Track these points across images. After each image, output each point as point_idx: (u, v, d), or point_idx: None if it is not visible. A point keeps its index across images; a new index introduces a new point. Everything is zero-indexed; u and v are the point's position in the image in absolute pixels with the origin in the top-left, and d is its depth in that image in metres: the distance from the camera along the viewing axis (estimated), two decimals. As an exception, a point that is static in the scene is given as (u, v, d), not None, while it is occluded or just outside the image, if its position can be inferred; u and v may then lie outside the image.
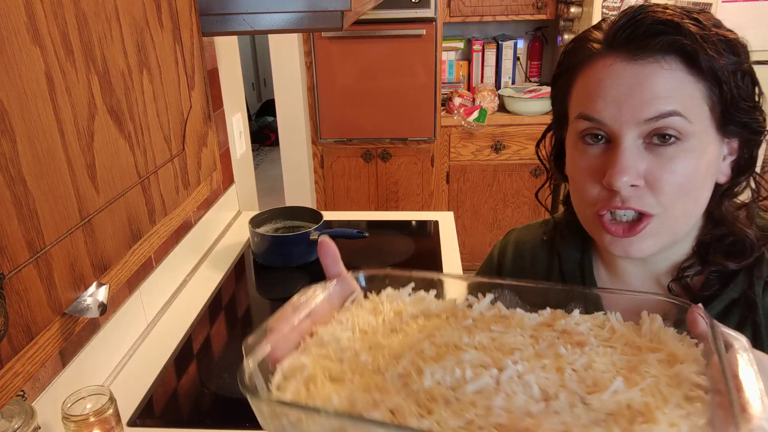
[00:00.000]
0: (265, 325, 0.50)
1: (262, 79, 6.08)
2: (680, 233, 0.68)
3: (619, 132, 0.63)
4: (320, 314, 0.54)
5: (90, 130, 0.52)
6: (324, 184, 3.02)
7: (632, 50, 0.62)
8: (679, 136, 0.62)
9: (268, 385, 0.48)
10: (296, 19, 0.91)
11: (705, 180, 0.65)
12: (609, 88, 0.63)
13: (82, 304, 0.51)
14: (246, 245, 1.68)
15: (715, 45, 0.61)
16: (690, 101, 0.61)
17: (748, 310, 0.66)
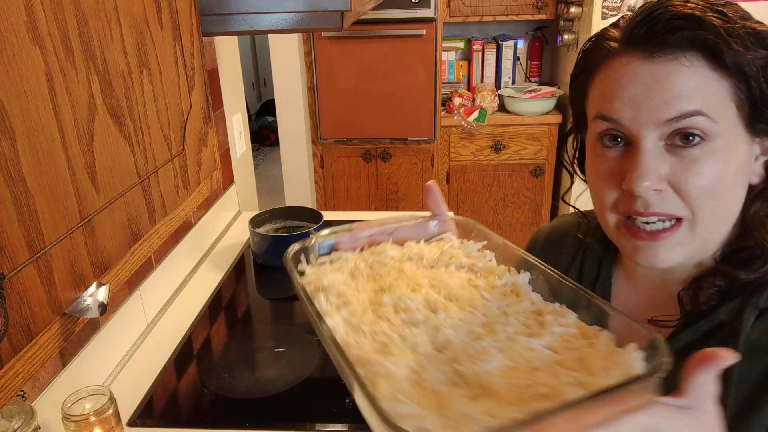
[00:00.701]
0: (349, 226, 0.63)
1: (262, 79, 6.08)
2: (710, 240, 0.64)
3: (638, 133, 0.60)
4: (400, 236, 0.64)
5: (90, 130, 0.52)
6: (324, 184, 3.02)
7: (650, 48, 0.59)
8: (704, 136, 0.58)
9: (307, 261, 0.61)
10: (296, 19, 0.91)
11: (735, 182, 0.61)
12: (626, 87, 0.60)
13: (82, 304, 0.51)
14: (246, 245, 1.68)
15: (741, 38, 0.57)
16: (714, 99, 0.58)
17: (729, 337, 0.62)
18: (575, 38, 2.80)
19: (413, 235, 0.66)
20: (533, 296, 0.54)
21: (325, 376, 1.11)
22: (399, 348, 0.48)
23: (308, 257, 0.61)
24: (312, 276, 0.59)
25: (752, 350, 0.60)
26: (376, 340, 0.50)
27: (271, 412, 1.03)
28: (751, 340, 0.60)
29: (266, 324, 1.35)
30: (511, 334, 0.48)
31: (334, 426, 1.00)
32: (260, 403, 1.05)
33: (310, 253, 0.61)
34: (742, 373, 0.60)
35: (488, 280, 0.57)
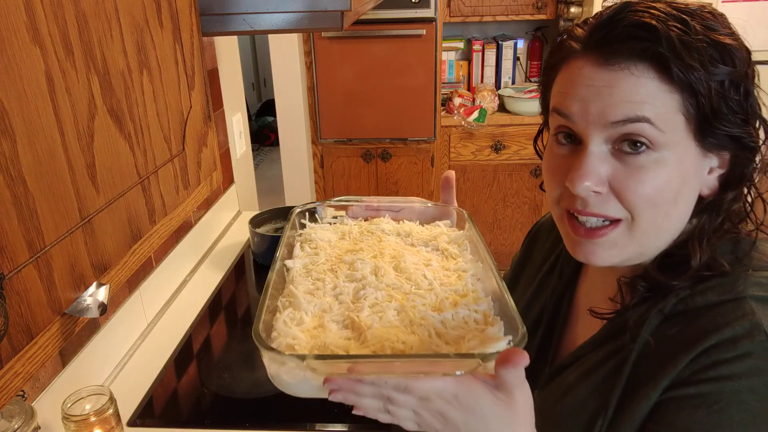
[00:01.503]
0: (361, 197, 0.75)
1: (262, 79, 6.08)
2: (649, 246, 0.65)
3: (586, 133, 0.61)
4: (404, 215, 0.75)
5: (90, 130, 0.52)
6: (324, 184, 3.02)
7: (604, 54, 0.60)
8: (650, 145, 0.59)
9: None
10: (296, 19, 0.91)
11: (679, 193, 0.61)
12: (579, 87, 0.61)
13: (82, 304, 0.51)
14: (246, 245, 1.68)
15: (699, 52, 0.57)
16: (662, 110, 0.58)
17: (630, 339, 0.64)
18: (575, 38, 2.79)
19: (415, 217, 0.76)
20: (470, 282, 0.62)
21: (325, 376, 1.11)
22: (324, 293, 0.60)
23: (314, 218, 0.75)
24: (309, 230, 0.72)
25: (645, 353, 0.63)
26: (314, 284, 0.61)
27: (271, 412, 1.03)
28: (647, 343, 0.62)
29: (266, 324, 1.35)
30: (418, 304, 0.57)
31: (334, 426, 1.00)
32: (260, 403, 1.05)
33: (316, 214, 0.75)
34: (633, 371, 0.63)
35: (445, 263, 0.67)
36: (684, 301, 0.62)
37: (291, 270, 0.64)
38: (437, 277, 0.63)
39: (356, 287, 0.60)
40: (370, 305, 0.57)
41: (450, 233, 0.72)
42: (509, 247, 3.12)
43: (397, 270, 0.64)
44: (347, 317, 0.56)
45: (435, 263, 0.66)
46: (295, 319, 0.55)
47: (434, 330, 0.54)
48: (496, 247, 3.13)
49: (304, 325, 0.55)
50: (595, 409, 0.65)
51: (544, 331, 0.80)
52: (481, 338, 0.53)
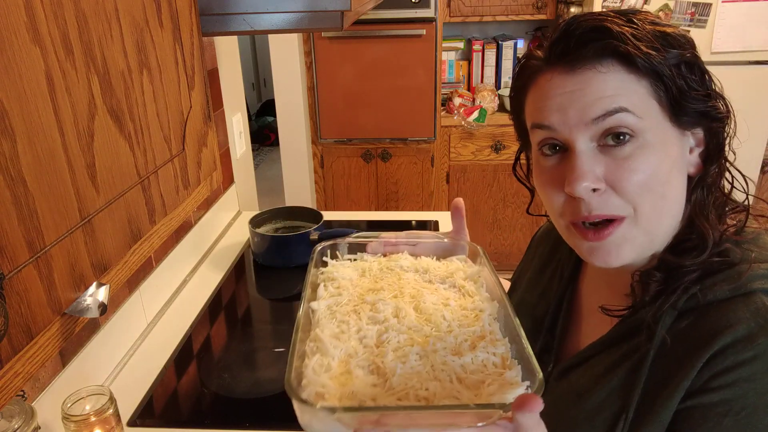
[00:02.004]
0: (378, 233, 0.79)
1: (262, 79, 6.08)
2: (656, 233, 0.66)
3: (570, 137, 0.63)
4: (420, 250, 0.77)
5: (90, 130, 0.52)
6: (324, 184, 3.02)
7: (569, 62, 0.63)
8: (632, 133, 0.62)
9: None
10: (296, 19, 0.91)
11: (670, 174, 0.64)
12: (553, 97, 0.64)
13: (82, 304, 0.51)
14: (246, 245, 1.68)
15: (650, 41, 0.61)
16: (635, 97, 0.61)
17: (647, 338, 0.65)
18: (575, 38, 2.80)
19: (432, 251, 0.78)
20: (487, 323, 0.63)
21: (325, 376, 1.11)
22: (349, 336, 0.61)
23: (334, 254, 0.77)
24: (331, 268, 0.74)
25: (662, 352, 0.63)
26: (339, 327, 0.62)
27: (271, 412, 1.03)
28: (664, 342, 0.63)
29: (266, 324, 1.35)
30: (439, 348, 0.58)
31: (334, 426, 0.99)
32: (260, 403, 1.05)
33: (337, 251, 0.77)
34: (651, 372, 0.64)
35: (462, 302, 0.67)
36: (695, 296, 0.63)
37: (316, 312, 0.65)
38: (456, 317, 0.64)
39: (379, 330, 0.62)
40: (393, 349, 0.59)
41: (466, 269, 0.74)
42: (509, 248, 3.12)
43: (417, 311, 0.65)
44: (372, 362, 0.57)
45: (453, 302, 0.67)
46: (324, 366, 0.57)
47: (455, 375, 0.56)
48: (495, 247, 3.13)
49: (331, 372, 0.56)
50: (614, 412, 0.66)
51: (546, 334, 0.81)
52: (500, 382, 0.54)
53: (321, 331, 0.61)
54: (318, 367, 0.56)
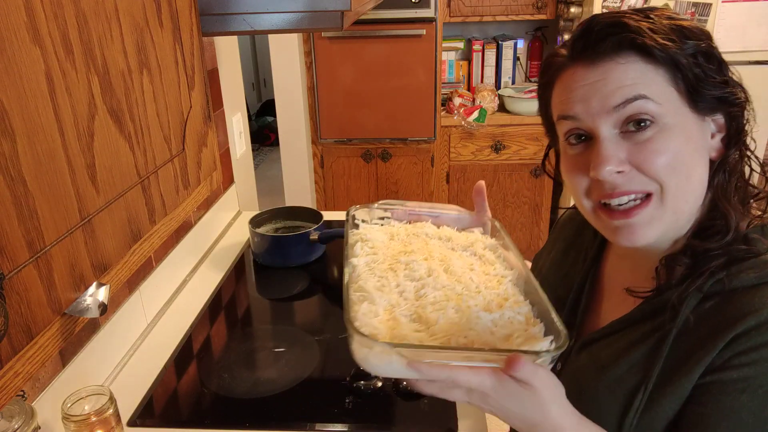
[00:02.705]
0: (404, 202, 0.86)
1: (262, 79, 6.08)
2: (680, 213, 0.69)
3: (594, 125, 0.68)
4: (442, 221, 0.84)
5: (90, 130, 0.52)
6: (324, 184, 3.02)
7: (589, 57, 0.68)
8: (653, 119, 0.66)
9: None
10: (296, 19, 0.91)
11: (693, 157, 0.67)
12: (576, 89, 0.69)
13: (82, 304, 0.51)
14: (246, 245, 1.68)
15: (667, 33, 0.65)
16: (654, 85, 0.66)
17: (670, 317, 0.68)
18: (575, 38, 2.80)
19: (452, 223, 0.85)
20: (510, 287, 0.71)
21: (325, 376, 1.11)
22: (390, 290, 0.69)
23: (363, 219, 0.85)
24: (363, 230, 0.82)
25: (684, 331, 0.67)
26: (379, 281, 0.70)
27: (271, 412, 1.03)
28: (687, 322, 0.66)
29: (266, 324, 1.35)
30: (471, 304, 0.65)
31: (334, 426, 1.00)
32: (260, 403, 1.05)
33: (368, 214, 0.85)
34: (672, 349, 0.67)
35: (485, 268, 0.75)
36: (721, 281, 0.66)
37: (357, 267, 0.73)
38: (481, 280, 0.71)
39: (416, 286, 0.69)
40: (431, 303, 0.66)
41: (485, 240, 0.81)
42: (509, 247, 3.12)
43: (447, 272, 0.72)
44: (414, 312, 0.65)
45: (477, 268, 0.74)
46: (372, 312, 0.64)
47: (487, 328, 0.63)
48: (496, 247, 3.13)
49: (379, 318, 0.64)
50: (634, 384, 0.69)
51: (568, 311, 0.84)
52: (525, 336, 0.61)
53: (365, 282, 0.69)
54: (368, 312, 0.64)
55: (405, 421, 0.99)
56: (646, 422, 0.68)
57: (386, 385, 1.06)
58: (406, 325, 0.63)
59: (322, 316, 1.35)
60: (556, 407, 0.60)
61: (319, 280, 1.50)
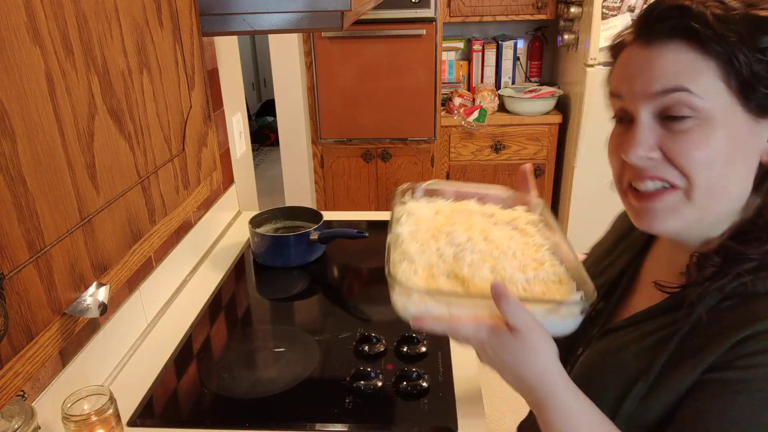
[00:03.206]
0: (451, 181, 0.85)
1: (262, 79, 6.08)
2: (710, 213, 0.67)
3: (634, 107, 0.67)
4: (488, 200, 0.88)
5: (90, 130, 0.52)
6: (324, 184, 3.02)
7: (646, 37, 0.67)
8: (692, 112, 0.63)
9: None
10: (296, 19, 0.91)
11: (733, 156, 0.64)
12: (627, 68, 0.69)
13: (82, 304, 0.51)
14: (246, 245, 1.68)
15: (735, 24, 0.61)
16: (701, 79, 0.63)
17: (686, 313, 0.67)
18: (575, 38, 2.80)
19: (497, 202, 0.88)
20: (547, 254, 0.76)
21: (325, 376, 1.11)
22: (431, 253, 0.75)
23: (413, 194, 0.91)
24: (409, 204, 0.88)
25: (696, 327, 0.67)
26: (421, 246, 0.77)
27: (271, 412, 1.03)
28: (700, 319, 0.66)
29: (266, 324, 1.35)
30: (506, 266, 0.71)
31: (334, 426, 1.00)
32: (260, 403, 1.05)
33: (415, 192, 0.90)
34: (681, 343, 0.67)
35: (525, 239, 0.80)
36: (745, 284, 0.64)
37: (400, 235, 0.80)
38: (519, 248, 0.77)
39: (455, 250, 0.75)
40: (468, 264, 0.72)
41: (527, 216, 0.85)
42: (509, 247, 3.12)
43: (486, 240, 0.77)
44: (451, 271, 0.72)
45: (517, 238, 0.80)
46: (412, 270, 0.72)
47: (521, 286, 0.69)
48: (496, 247, 3.13)
49: (418, 275, 0.72)
50: (637, 371, 0.69)
51: (601, 299, 0.85)
52: (559, 293, 0.69)
53: (407, 247, 0.77)
54: (407, 270, 0.72)
55: (405, 421, 0.99)
56: (641, 411, 0.68)
57: (386, 385, 1.06)
58: (443, 282, 0.71)
59: (322, 316, 1.35)
60: (543, 360, 0.64)
61: (319, 280, 1.50)
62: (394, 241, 0.78)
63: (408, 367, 1.10)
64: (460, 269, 0.71)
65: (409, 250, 0.75)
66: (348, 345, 1.19)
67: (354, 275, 1.52)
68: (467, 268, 0.71)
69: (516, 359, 0.64)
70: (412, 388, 1.05)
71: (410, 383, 1.05)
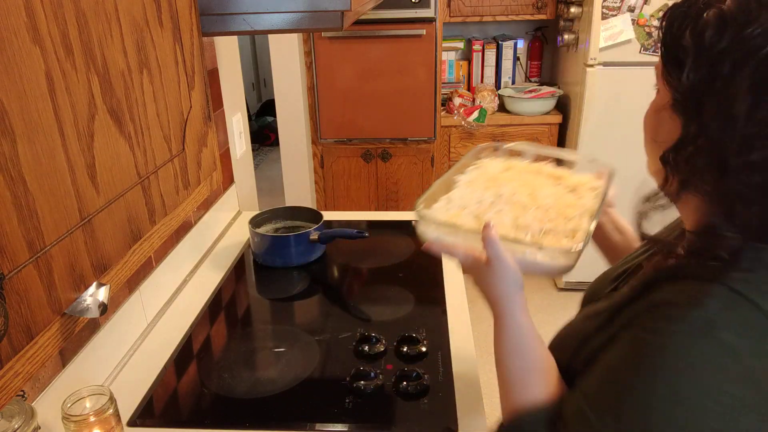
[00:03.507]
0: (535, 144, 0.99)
1: (262, 79, 6.08)
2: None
3: None
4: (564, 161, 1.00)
5: (90, 130, 0.52)
6: (324, 184, 3.02)
7: None
8: None
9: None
10: (296, 19, 0.91)
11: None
12: None
13: (82, 304, 0.51)
14: (246, 245, 1.68)
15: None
16: None
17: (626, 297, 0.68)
18: (575, 38, 2.80)
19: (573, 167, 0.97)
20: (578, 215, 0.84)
21: (325, 376, 1.11)
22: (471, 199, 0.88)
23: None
24: (485, 161, 0.99)
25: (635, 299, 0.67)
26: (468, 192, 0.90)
27: (271, 412, 1.03)
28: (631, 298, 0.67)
29: (266, 324, 1.35)
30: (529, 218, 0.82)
31: (334, 426, 1.00)
32: (260, 403, 1.05)
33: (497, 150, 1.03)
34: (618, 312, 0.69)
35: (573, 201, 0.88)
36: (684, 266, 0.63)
37: (458, 182, 0.92)
38: (558, 205, 0.85)
39: (493, 200, 0.86)
40: (496, 211, 0.84)
41: (591, 182, 0.93)
42: (509, 247, 3.12)
43: (530, 196, 0.87)
44: (479, 215, 0.84)
45: (565, 198, 0.88)
46: (444, 208, 0.87)
47: (530, 234, 0.80)
48: (496, 247, 3.13)
49: (448, 213, 0.85)
50: (584, 336, 0.74)
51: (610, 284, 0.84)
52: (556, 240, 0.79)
53: (454, 192, 0.90)
54: (441, 207, 0.87)
55: (405, 421, 0.99)
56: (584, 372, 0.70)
57: (386, 385, 1.06)
58: (467, 220, 0.83)
59: (322, 316, 1.35)
60: (505, 285, 0.76)
61: (319, 280, 1.50)
62: (441, 182, 0.91)
63: (408, 367, 1.10)
64: (485, 213, 0.84)
65: (455, 193, 0.89)
66: (348, 345, 1.19)
67: (354, 275, 1.52)
68: (493, 213, 0.83)
69: (485, 281, 0.77)
70: (412, 388, 1.05)
71: (410, 383, 1.05)
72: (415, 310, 1.32)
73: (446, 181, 0.92)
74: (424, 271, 1.50)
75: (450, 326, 1.25)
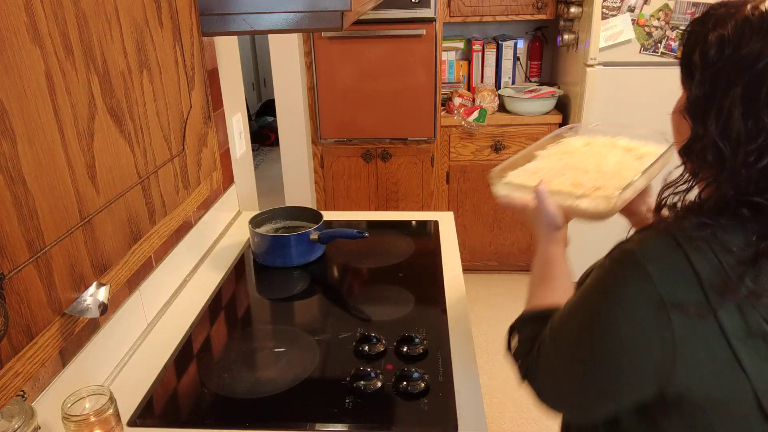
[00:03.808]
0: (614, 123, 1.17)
1: (262, 79, 6.08)
2: None
3: None
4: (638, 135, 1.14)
5: (90, 130, 0.52)
6: (324, 184, 3.02)
7: None
8: None
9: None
10: (296, 19, 0.91)
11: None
12: None
13: (82, 304, 0.51)
14: (246, 245, 1.68)
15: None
16: None
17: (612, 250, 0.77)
18: (575, 38, 2.80)
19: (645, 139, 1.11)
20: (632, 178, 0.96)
21: (325, 376, 1.11)
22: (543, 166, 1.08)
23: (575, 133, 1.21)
24: (568, 137, 1.17)
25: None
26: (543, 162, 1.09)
27: (271, 412, 1.03)
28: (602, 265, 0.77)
29: (266, 324, 1.35)
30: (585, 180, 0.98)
31: (334, 426, 1.00)
32: (260, 403, 1.05)
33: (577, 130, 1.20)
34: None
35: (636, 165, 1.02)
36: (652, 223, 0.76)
37: (538, 156, 1.10)
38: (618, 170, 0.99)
39: (561, 168, 1.03)
40: (560, 175, 1.00)
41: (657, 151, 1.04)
42: (509, 247, 3.12)
43: (595, 164, 1.02)
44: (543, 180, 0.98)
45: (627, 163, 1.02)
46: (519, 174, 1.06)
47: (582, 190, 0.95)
48: (496, 248, 3.13)
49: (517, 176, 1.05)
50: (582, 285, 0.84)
51: None
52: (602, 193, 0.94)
53: (533, 163, 1.08)
54: (519, 173, 1.06)
55: (405, 421, 0.99)
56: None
57: (386, 385, 1.06)
58: (533, 182, 0.98)
59: (322, 316, 1.35)
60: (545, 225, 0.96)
61: (319, 280, 1.50)
62: (519, 156, 1.09)
63: (408, 367, 1.10)
64: (551, 177, 1.01)
65: (531, 165, 1.08)
66: (348, 345, 1.19)
67: (354, 275, 1.52)
68: (558, 178, 1.00)
69: (531, 223, 1.00)
70: (412, 388, 1.05)
71: (410, 383, 1.05)
72: (415, 310, 1.32)
73: (526, 155, 1.10)
74: (424, 271, 1.50)
75: (450, 326, 1.25)
